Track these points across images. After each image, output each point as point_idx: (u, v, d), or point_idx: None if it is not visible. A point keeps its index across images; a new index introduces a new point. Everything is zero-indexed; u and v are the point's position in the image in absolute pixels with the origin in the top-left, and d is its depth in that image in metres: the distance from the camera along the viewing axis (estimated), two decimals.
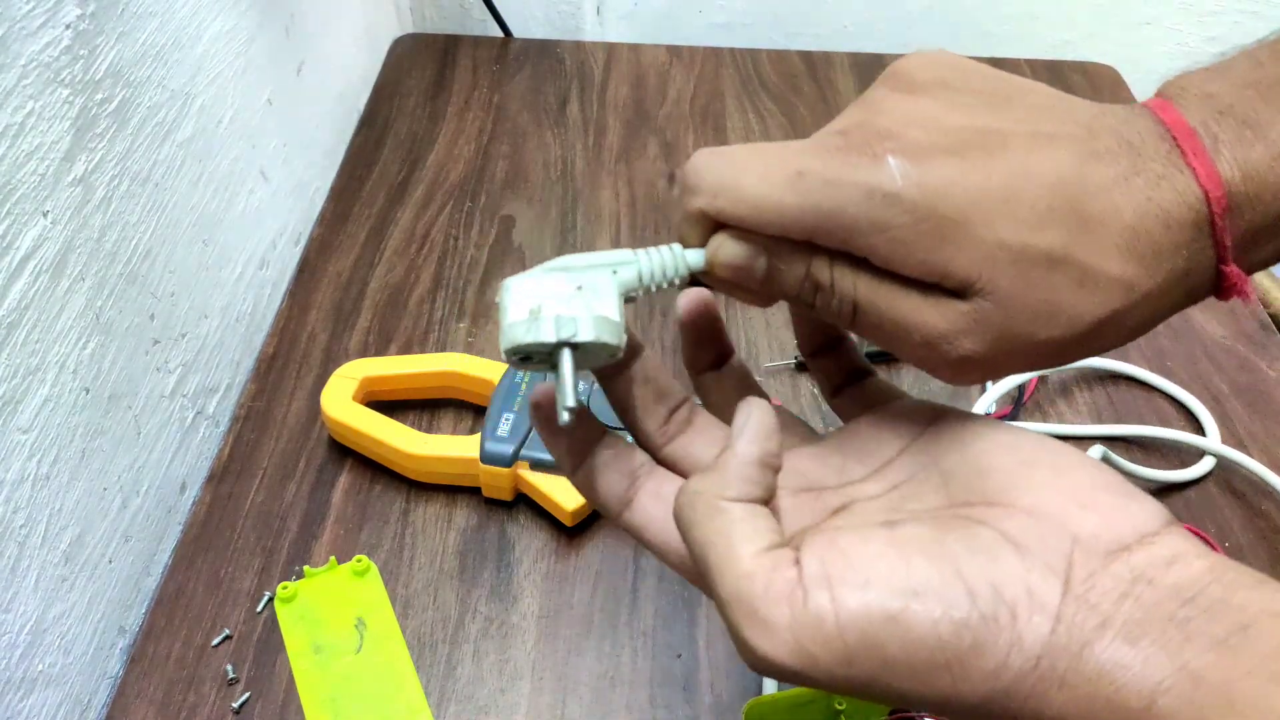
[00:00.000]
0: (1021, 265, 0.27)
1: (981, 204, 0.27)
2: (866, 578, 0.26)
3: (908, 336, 0.29)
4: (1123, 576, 0.25)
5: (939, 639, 0.25)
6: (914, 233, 0.28)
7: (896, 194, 0.27)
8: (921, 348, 0.29)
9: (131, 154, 0.52)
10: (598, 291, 0.29)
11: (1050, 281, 0.28)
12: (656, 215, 0.77)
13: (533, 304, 0.29)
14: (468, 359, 0.61)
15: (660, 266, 0.31)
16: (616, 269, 0.30)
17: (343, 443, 0.59)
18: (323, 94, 0.81)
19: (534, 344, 0.29)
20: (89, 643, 0.51)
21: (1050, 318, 0.28)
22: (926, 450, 0.31)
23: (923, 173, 0.28)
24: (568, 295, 0.29)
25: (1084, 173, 0.28)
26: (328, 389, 0.59)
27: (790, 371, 0.65)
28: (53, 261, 0.46)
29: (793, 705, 0.46)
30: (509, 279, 0.30)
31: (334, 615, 0.52)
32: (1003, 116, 0.29)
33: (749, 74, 0.92)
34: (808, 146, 0.29)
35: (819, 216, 0.28)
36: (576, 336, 0.28)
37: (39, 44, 0.44)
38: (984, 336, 0.28)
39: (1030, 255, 0.27)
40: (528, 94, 0.89)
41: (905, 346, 0.30)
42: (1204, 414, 0.62)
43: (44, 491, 0.47)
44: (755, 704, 0.45)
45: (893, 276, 0.29)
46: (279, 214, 0.73)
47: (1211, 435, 0.61)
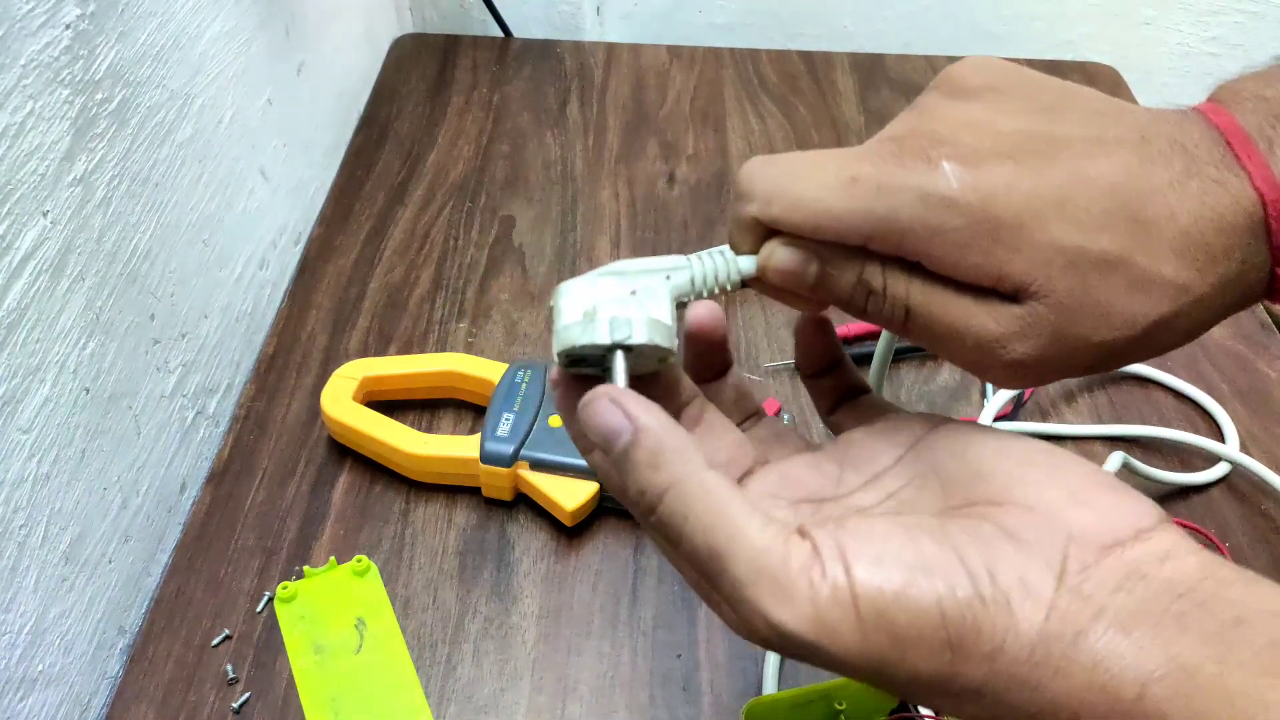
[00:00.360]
0: (1077, 268, 0.27)
1: (1037, 207, 0.28)
2: (878, 554, 0.26)
3: (960, 341, 0.29)
4: (1117, 570, 0.25)
5: (943, 616, 0.25)
6: (969, 236, 0.28)
7: (952, 198, 0.28)
8: (974, 351, 0.29)
9: (131, 154, 0.52)
10: (652, 295, 0.30)
11: (1105, 284, 0.28)
12: (656, 215, 0.77)
13: (587, 307, 0.29)
14: (468, 359, 0.61)
15: (712, 271, 0.31)
16: (669, 274, 0.31)
17: (343, 443, 0.59)
18: (323, 94, 0.81)
19: (589, 346, 0.29)
20: (89, 643, 0.51)
21: (1104, 320, 0.28)
22: (923, 458, 0.31)
23: (977, 177, 0.28)
24: (622, 299, 0.29)
25: (1139, 177, 0.28)
26: (328, 389, 0.59)
27: (790, 371, 0.65)
28: (53, 261, 0.46)
29: (792, 705, 0.46)
30: (563, 283, 0.30)
31: (334, 615, 0.52)
32: (1056, 121, 0.29)
33: (749, 74, 0.92)
34: (861, 153, 0.29)
35: (873, 222, 0.28)
36: (631, 339, 0.29)
37: (39, 44, 0.44)
38: (1038, 340, 0.28)
39: (1086, 258, 0.27)
40: (528, 94, 0.89)
41: (958, 350, 0.30)
42: (1224, 419, 0.62)
43: (44, 491, 0.47)
44: (755, 704, 0.45)
45: (946, 281, 0.29)
46: (279, 214, 0.73)
47: (1231, 441, 0.61)
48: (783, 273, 0.30)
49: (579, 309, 0.29)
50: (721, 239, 0.76)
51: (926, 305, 0.29)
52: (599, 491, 0.55)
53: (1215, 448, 0.59)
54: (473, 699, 0.49)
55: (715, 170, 0.81)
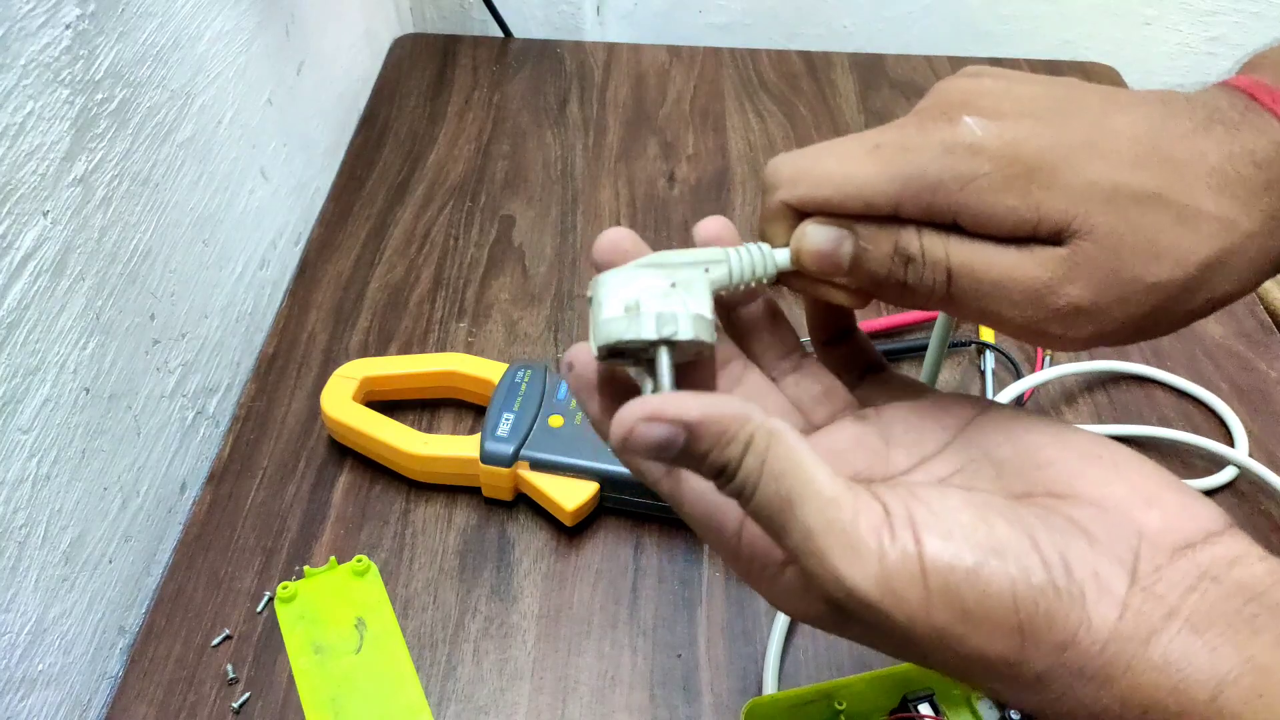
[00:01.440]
0: (1116, 203, 0.27)
1: (1065, 151, 0.27)
2: (949, 528, 0.25)
3: (1008, 294, 0.28)
4: (1189, 572, 0.25)
5: (1015, 600, 0.24)
6: (1000, 180, 0.27)
7: (978, 144, 0.27)
8: (1024, 306, 0.28)
9: (131, 154, 0.52)
10: (691, 289, 0.29)
11: (1148, 219, 0.27)
12: (656, 215, 0.77)
13: (628, 300, 0.29)
14: (468, 359, 0.61)
15: (750, 265, 0.31)
16: (708, 267, 0.30)
17: (343, 443, 0.59)
18: (323, 94, 0.81)
19: (634, 340, 0.28)
20: (89, 643, 0.51)
21: (1155, 257, 0.27)
22: (975, 443, 0.30)
23: (1001, 127, 0.28)
24: (663, 292, 0.29)
25: (1162, 125, 0.28)
26: (327, 389, 0.59)
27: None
28: (53, 261, 0.46)
29: (793, 705, 0.46)
30: (601, 274, 0.30)
31: (334, 615, 0.52)
32: (1071, 89, 0.29)
33: (749, 74, 0.92)
34: (881, 128, 0.30)
35: (901, 182, 0.28)
36: (677, 335, 0.28)
37: (39, 44, 0.44)
38: (1089, 280, 0.27)
39: (1124, 193, 0.27)
40: (528, 94, 0.89)
41: (1006, 309, 0.28)
42: (1234, 422, 0.62)
43: (44, 491, 0.47)
44: (756, 703, 0.45)
45: (984, 237, 0.28)
46: (279, 214, 0.73)
47: (1240, 445, 0.60)
48: (817, 254, 0.30)
49: (620, 302, 0.29)
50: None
51: (968, 264, 0.28)
52: (599, 491, 0.55)
53: (1224, 451, 0.59)
54: (473, 699, 0.49)
55: (715, 170, 0.81)
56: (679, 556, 0.55)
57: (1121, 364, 0.65)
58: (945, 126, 0.28)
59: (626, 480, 0.54)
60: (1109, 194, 0.27)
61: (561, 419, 0.57)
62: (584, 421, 0.57)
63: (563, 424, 0.56)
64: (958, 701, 0.47)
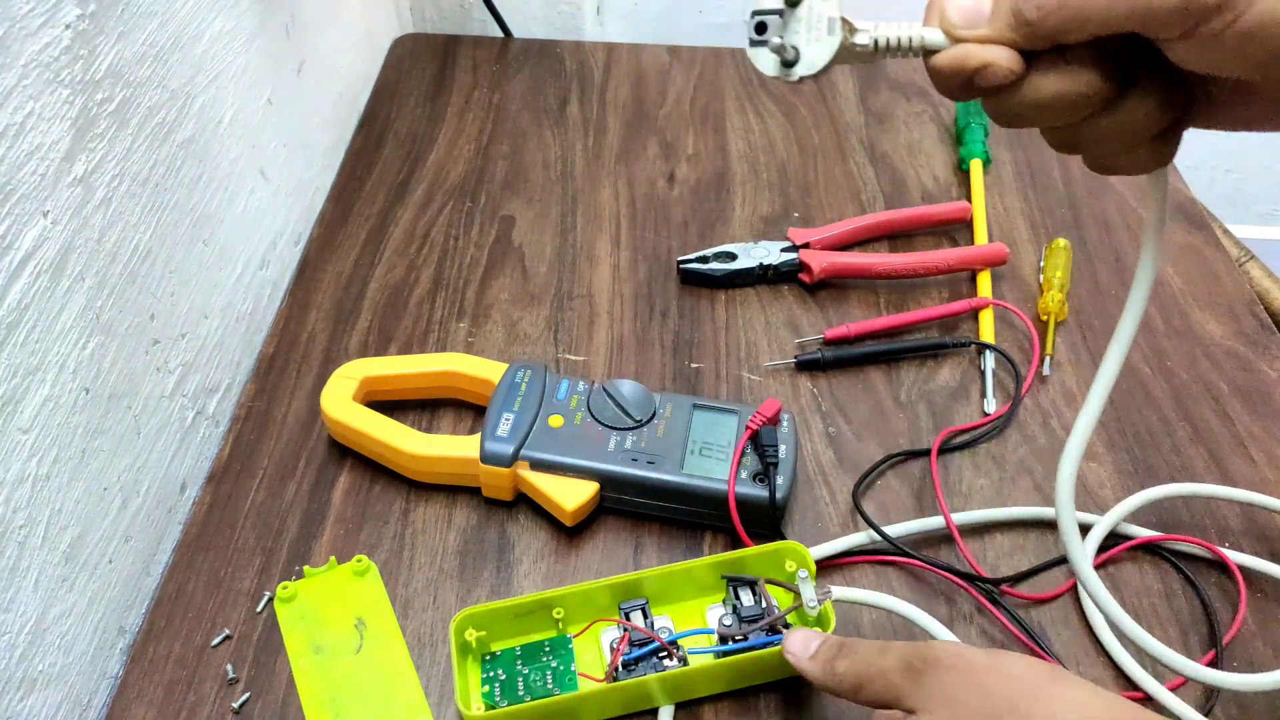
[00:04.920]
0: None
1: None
2: None
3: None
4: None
5: None
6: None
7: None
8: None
9: (131, 154, 0.52)
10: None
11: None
12: (656, 215, 0.77)
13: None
14: (467, 359, 0.61)
15: (895, 32, 0.34)
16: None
17: (343, 443, 0.59)
18: (323, 94, 0.81)
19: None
20: (89, 643, 0.51)
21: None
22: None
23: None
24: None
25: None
26: (327, 389, 0.59)
27: (790, 371, 0.65)
28: (53, 261, 0.46)
29: (513, 613, 0.49)
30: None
31: (334, 615, 0.52)
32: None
33: (749, 74, 0.92)
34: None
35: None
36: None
37: (39, 44, 0.44)
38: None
39: None
40: (528, 94, 0.89)
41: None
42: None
43: (44, 491, 0.47)
44: (470, 612, 0.48)
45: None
46: (279, 214, 0.73)
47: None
48: (961, 7, 0.32)
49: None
50: (722, 238, 0.76)
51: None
52: (599, 491, 0.55)
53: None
54: None
55: (715, 170, 0.81)
56: (678, 557, 0.55)
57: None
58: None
59: (626, 480, 0.54)
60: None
61: (561, 419, 0.57)
62: (584, 421, 0.57)
63: (563, 424, 0.56)
64: (673, 600, 0.51)
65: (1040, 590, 0.54)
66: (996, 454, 0.60)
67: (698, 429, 0.57)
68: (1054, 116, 0.33)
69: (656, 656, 0.48)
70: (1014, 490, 0.58)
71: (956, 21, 0.32)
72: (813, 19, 0.35)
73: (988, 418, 0.62)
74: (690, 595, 0.51)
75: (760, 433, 0.55)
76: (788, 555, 0.50)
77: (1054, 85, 0.32)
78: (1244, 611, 0.52)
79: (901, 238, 0.75)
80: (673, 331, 0.68)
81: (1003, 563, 0.55)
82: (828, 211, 0.77)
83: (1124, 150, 0.34)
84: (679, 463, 0.55)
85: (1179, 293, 0.71)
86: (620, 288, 0.71)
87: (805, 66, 0.35)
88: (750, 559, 0.50)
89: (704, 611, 0.51)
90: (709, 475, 0.54)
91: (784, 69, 0.35)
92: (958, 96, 0.34)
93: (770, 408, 0.56)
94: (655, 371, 0.65)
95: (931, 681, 0.38)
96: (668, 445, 0.56)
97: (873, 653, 0.41)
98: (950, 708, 0.36)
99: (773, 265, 0.70)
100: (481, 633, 0.48)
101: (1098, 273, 0.73)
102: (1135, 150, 0.34)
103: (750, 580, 0.50)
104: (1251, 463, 0.60)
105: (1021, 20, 0.31)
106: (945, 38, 0.33)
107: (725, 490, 0.53)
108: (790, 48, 0.35)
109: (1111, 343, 0.39)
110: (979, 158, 0.80)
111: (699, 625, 0.50)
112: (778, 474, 0.54)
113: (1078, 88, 0.32)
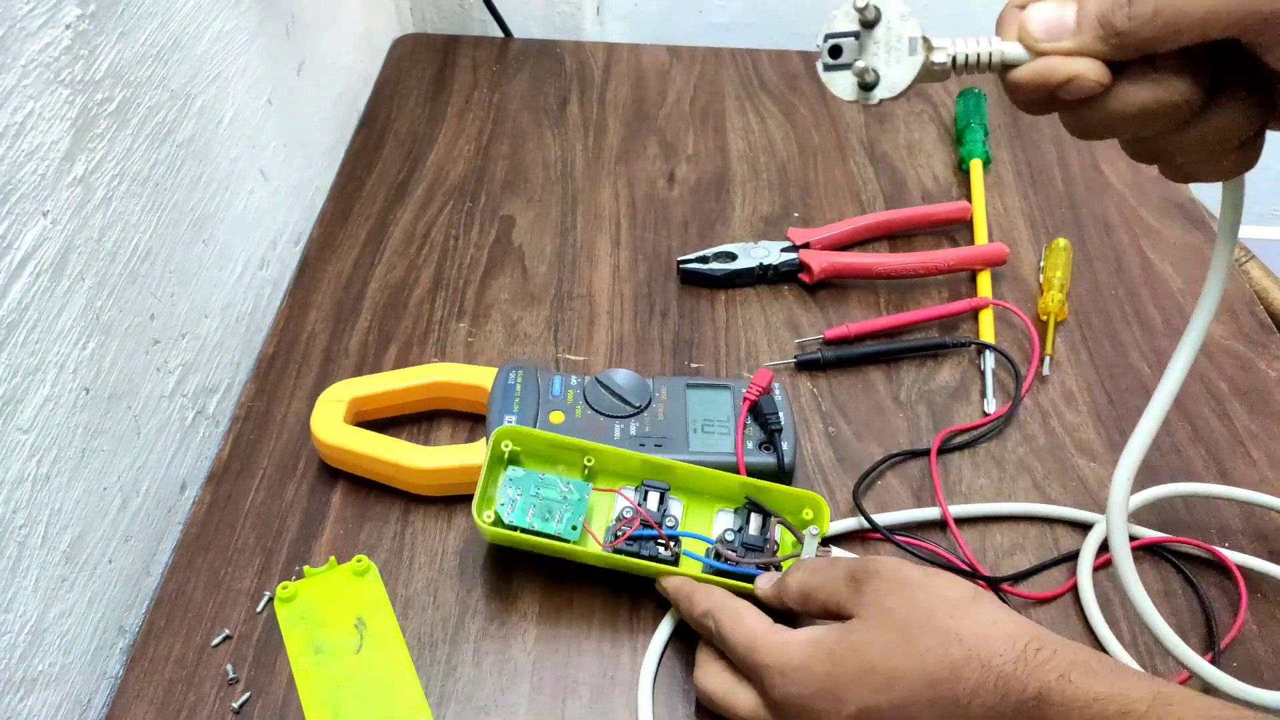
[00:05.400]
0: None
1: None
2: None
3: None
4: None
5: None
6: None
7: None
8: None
9: (131, 154, 0.52)
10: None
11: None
12: (656, 215, 0.77)
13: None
14: (454, 367, 0.60)
15: (974, 48, 0.34)
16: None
17: (338, 466, 0.58)
18: (323, 94, 0.81)
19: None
20: (89, 643, 0.51)
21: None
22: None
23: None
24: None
25: None
26: (316, 414, 0.57)
27: (790, 371, 0.65)
28: (53, 261, 0.46)
29: (551, 443, 0.52)
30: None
31: (334, 615, 0.52)
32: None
33: (749, 74, 0.92)
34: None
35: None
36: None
37: (39, 44, 0.44)
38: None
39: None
40: (528, 94, 0.89)
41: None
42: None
43: (44, 491, 0.47)
44: (510, 429, 0.52)
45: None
46: (279, 214, 0.73)
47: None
48: (1042, 21, 0.31)
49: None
50: (722, 238, 0.76)
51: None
52: None
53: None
54: (473, 699, 0.49)
55: (715, 170, 0.81)
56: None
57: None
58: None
59: None
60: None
61: (562, 414, 0.57)
62: (584, 414, 0.57)
63: (564, 419, 0.56)
64: (692, 494, 0.53)
65: (1041, 590, 0.54)
66: (996, 454, 0.60)
67: (695, 407, 0.58)
68: (1141, 127, 0.32)
69: (654, 542, 0.51)
70: (1014, 490, 0.58)
71: (1038, 34, 0.31)
72: (891, 40, 0.34)
73: (988, 418, 0.62)
74: (709, 499, 0.53)
75: (759, 403, 0.57)
76: (808, 504, 0.52)
77: (1144, 96, 0.31)
78: (1244, 613, 0.52)
79: (901, 238, 0.75)
80: (673, 331, 0.68)
81: (1003, 562, 0.55)
82: (828, 211, 0.77)
83: (1208, 158, 0.33)
84: (685, 441, 0.56)
85: (1178, 292, 0.71)
86: (620, 288, 0.71)
87: (886, 89, 0.34)
88: (775, 493, 0.52)
89: (715, 514, 0.53)
90: (716, 450, 0.55)
91: (863, 92, 0.34)
92: (1039, 111, 0.33)
93: (764, 378, 0.57)
94: (655, 371, 0.65)
95: (869, 589, 0.42)
96: (670, 426, 0.56)
97: (822, 565, 0.46)
98: (882, 615, 0.41)
99: (773, 265, 0.70)
100: (517, 448, 0.51)
101: (1098, 273, 0.73)
102: (1220, 158, 0.33)
103: (767, 511, 0.52)
104: (1251, 462, 0.60)
105: (1111, 30, 0.30)
106: (1025, 51, 0.32)
107: (735, 462, 0.54)
108: (871, 70, 0.34)
109: (1175, 356, 0.40)
110: (979, 158, 0.80)
111: (707, 526, 0.53)
112: (782, 440, 0.56)
113: (1170, 97, 0.31)
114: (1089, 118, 0.32)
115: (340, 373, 0.64)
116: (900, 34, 0.34)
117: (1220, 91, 0.31)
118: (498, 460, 0.52)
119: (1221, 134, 0.32)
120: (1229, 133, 0.32)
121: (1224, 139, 0.32)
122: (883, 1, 0.34)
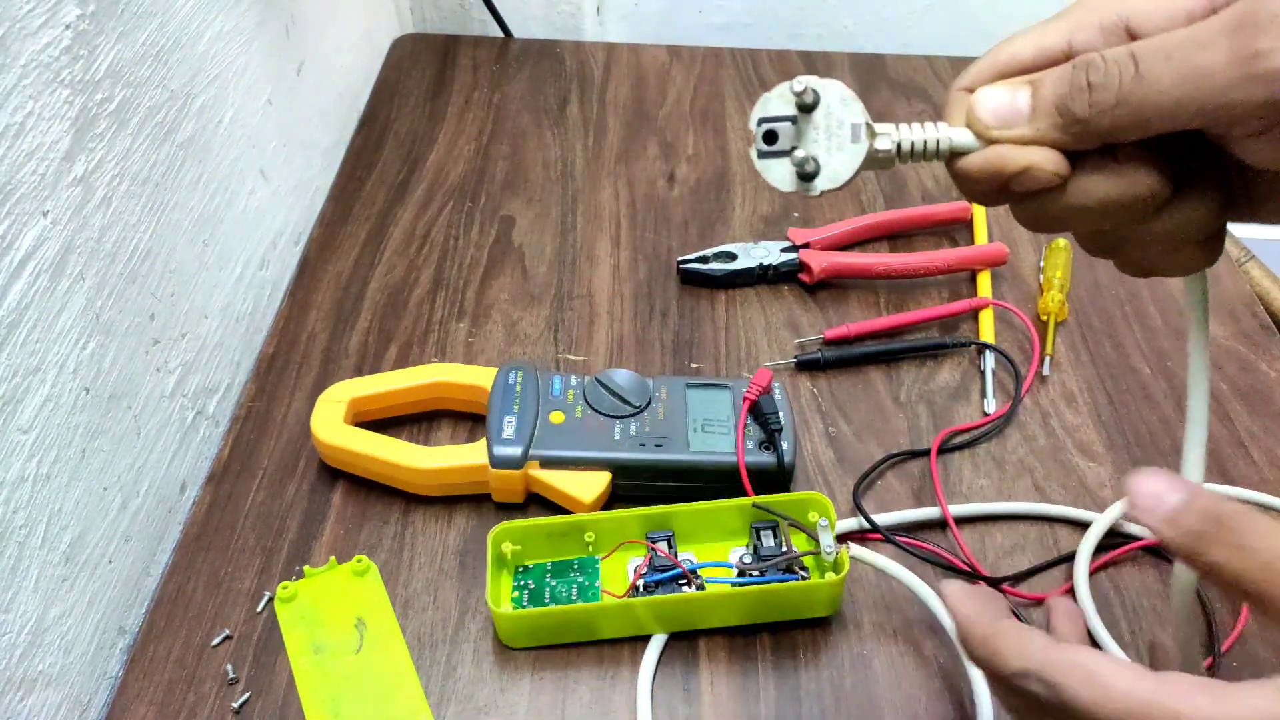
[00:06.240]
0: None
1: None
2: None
3: (1202, 57, 0.26)
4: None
5: None
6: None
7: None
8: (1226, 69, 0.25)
9: (131, 154, 0.52)
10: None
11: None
12: (656, 215, 0.77)
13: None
14: (453, 368, 0.60)
15: (921, 135, 0.31)
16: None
17: (338, 467, 0.58)
18: (323, 94, 0.81)
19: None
20: (89, 643, 0.51)
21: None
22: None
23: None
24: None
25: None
26: (316, 415, 0.57)
27: (790, 371, 0.65)
28: (53, 261, 0.46)
29: (547, 532, 0.52)
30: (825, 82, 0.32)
31: (334, 615, 0.52)
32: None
33: (749, 74, 0.92)
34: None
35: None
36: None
37: (39, 44, 0.44)
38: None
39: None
40: (528, 94, 0.89)
41: (1202, 75, 0.26)
42: None
43: (44, 491, 0.47)
44: (505, 527, 0.51)
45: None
46: (279, 214, 0.73)
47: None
48: (994, 108, 0.29)
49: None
50: (722, 238, 0.76)
51: (1151, 45, 0.27)
52: (611, 480, 0.55)
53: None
54: (473, 699, 0.49)
55: (715, 170, 0.81)
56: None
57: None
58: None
59: (639, 465, 0.55)
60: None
61: (562, 415, 0.57)
62: (584, 414, 0.57)
63: (564, 419, 0.56)
64: (698, 539, 0.53)
65: (1041, 590, 0.54)
66: (996, 454, 0.60)
67: (694, 407, 0.58)
68: (1101, 221, 0.29)
69: (676, 583, 0.50)
70: (1014, 490, 0.58)
71: (989, 121, 0.29)
72: (832, 125, 0.31)
73: (988, 418, 0.62)
74: (715, 536, 0.53)
75: (759, 402, 0.57)
76: (811, 505, 0.52)
77: (1104, 188, 0.28)
78: (1245, 615, 0.52)
79: (901, 238, 0.75)
80: (673, 331, 0.68)
81: (1003, 562, 0.55)
82: (828, 211, 0.77)
83: (1170, 252, 0.30)
84: (685, 442, 0.56)
85: (1179, 293, 0.71)
86: (620, 288, 0.71)
87: (828, 180, 0.31)
88: (776, 505, 0.52)
89: (727, 553, 0.53)
90: (716, 450, 0.55)
91: (802, 183, 0.32)
92: (990, 202, 0.30)
93: (764, 377, 0.57)
94: (655, 371, 0.65)
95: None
96: (670, 426, 0.56)
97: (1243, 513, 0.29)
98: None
99: (773, 265, 0.70)
100: (517, 547, 0.51)
101: (1097, 273, 0.73)
102: (1181, 251, 0.31)
103: (772, 523, 0.52)
104: (1252, 463, 0.60)
105: (1071, 118, 0.28)
106: (975, 139, 0.30)
107: (735, 462, 0.54)
108: (811, 159, 0.31)
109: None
110: None
111: (721, 561, 0.52)
112: (782, 439, 0.56)
113: (1133, 190, 0.28)
114: (1044, 211, 0.29)
115: (340, 373, 0.64)
116: (842, 119, 0.31)
117: (1186, 184, 0.29)
118: (499, 562, 0.51)
119: (1186, 229, 0.29)
120: (1195, 227, 0.30)
121: (1188, 234, 0.30)
122: (821, 85, 0.31)
